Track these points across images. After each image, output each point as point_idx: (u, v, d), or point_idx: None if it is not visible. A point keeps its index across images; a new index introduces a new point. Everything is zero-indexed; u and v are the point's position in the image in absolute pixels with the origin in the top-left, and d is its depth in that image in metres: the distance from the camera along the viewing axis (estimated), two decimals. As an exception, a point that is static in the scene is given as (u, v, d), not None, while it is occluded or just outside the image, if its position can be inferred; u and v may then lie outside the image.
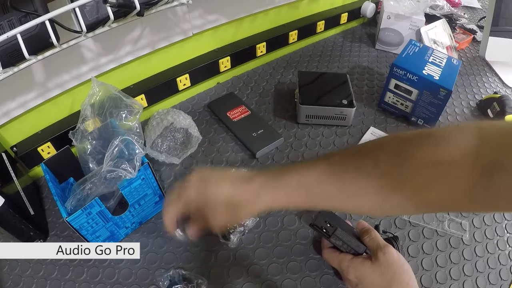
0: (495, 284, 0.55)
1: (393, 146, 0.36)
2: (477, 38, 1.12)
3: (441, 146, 0.32)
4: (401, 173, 0.34)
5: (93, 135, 0.59)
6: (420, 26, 0.98)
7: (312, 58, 1.01)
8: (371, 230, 0.50)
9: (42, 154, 0.65)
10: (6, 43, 0.45)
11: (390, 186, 0.34)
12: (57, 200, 0.50)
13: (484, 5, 1.35)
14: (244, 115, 0.79)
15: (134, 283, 0.54)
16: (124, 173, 0.49)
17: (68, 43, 0.53)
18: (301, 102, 0.76)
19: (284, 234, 0.60)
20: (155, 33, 0.72)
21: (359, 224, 0.52)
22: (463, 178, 0.30)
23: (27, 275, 0.55)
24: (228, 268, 0.56)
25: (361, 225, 0.52)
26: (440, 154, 0.31)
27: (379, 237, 0.49)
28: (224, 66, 0.87)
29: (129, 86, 0.76)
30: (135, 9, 0.52)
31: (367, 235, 0.49)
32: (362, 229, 0.51)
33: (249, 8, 0.86)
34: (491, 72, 0.99)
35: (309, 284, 0.54)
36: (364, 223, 0.52)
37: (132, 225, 0.60)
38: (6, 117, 0.61)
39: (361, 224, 0.52)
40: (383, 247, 0.46)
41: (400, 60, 0.77)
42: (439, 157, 0.31)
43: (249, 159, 0.72)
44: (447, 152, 0.31)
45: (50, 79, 0.63)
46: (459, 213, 0.64)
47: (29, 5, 0.46)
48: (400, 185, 0.34)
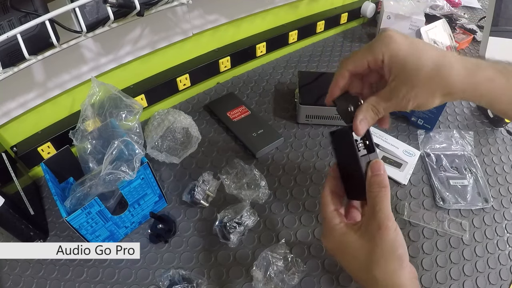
0: (495, 284, 0.55)
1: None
2: (477, 38, 1.12)
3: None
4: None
5: (93, 135, 0.59)
6: (420, 26, 0.98)
7: (312, 58, 1.01)
8: (384, 185, 0.36)
9: (42, 154, 0.65)
10: (6, 43, 0.45)
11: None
12: (57, 200, 0.50)
13: (484, 5, 1.34)
14: (244, 115, 0.79)
15: (134, 283, 0.54)
16: (122, 175, 0.49)
17: (68, 43, 0.53)
18: (301, 102, 0.76)
19: (284, 234, 0.60)
20: (155, 33, 0.72)
21: (374, 166, 0.37)
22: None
23: (27, 275, 0.55)
24: (228, 268, 0.56)
25: (375, 169, 0.37)
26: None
27: (387, 201, 0.35)
28: (224, 66, 0.87)
29: (129, 86, 0.76)
30: (135, 9, 0.52)
31: (373, 189, 0.36)
32: (372, 178, 0.36)
33: (249, 8, 0.86)
34: (491, 72, 0.99)
35: (309, 284, 0.54)
36: (380, 167, 0.37)
37: (132, 225, 0.60)
38: (6, 117, 0.61)
39: (375, 168, 0.37)
40: (382, 218, 0.34)
41: (400, 60, 0.78)
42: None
43: (249, 159, 0.72)
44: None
45: (50, 79, 0.63)
46: (459, 213, 0.64)
47: (29, 5, 0.46)
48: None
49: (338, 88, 0.39)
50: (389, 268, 0.34)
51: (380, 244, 0.34)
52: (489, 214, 0.64)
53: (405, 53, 0.34)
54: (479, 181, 0.68)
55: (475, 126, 0.82)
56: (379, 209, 0.35)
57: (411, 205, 0.64)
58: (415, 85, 0.34)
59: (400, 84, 0.35)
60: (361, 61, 0.37)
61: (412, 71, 0.34)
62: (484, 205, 0.65)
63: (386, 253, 0.34)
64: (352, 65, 0.38)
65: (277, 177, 0.69)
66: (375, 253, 0.34)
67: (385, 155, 0.72)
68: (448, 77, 0.34)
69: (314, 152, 0.74)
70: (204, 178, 0.64)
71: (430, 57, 0.34)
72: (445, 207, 0.64)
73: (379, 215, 0.35)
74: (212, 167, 0.70)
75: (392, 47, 0.34)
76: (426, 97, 0.35)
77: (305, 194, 0.66)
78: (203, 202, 0.63)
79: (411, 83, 0.34)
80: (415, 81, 0.34)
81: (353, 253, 0.36)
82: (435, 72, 0.33)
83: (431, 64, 0.33)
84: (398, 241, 0.35)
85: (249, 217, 0.59)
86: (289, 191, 0.67)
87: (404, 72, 0.34)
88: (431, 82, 0.34)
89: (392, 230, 0.34)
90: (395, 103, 0.36)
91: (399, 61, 0.34)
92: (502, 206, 0.65)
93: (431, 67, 0.33)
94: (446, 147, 0.75)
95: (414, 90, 0.34)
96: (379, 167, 0.37)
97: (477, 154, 0.74)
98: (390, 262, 0.34)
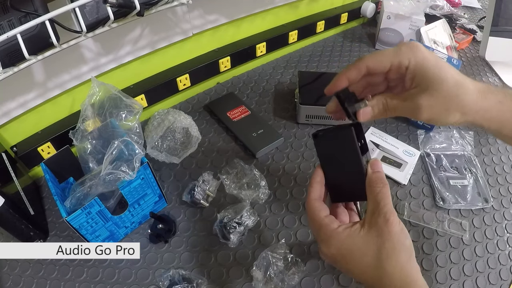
0: (495, 284, 0.55)
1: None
2: (477, 38, 1.12)
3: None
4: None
5: (93, 135, 0.59)
6: (420, 26, 0.98)
7: (312, 58, 1.01)
8: (385, 182, 0.36)
9: (42, 154, 0.65)
10: (6, 43, 0.45)
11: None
12: (57, 200, 0.50)
13: (484, 5, 1.35)
14: (244, 115, 0.79)
15: (134, 283, 0.54)
16: (122, 175, 0.49)
17: (68, 43, 0.53)
18: (301, 102, 0.76)
19: (283, 234, 0.60)
20: (155, 33, 0.72)
21: (374, 164, 0.38)
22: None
23: (27, 275, 0.55)
24: (228, 268, 0.56)
25: (376, 166, 0.38)
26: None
27: (390, 197, 0.36)
28: (224, 66, 0.87)
29: (129, 86, 0.76)
30: (135, 9, 0.52)
31: (377, 185, 0.36)
32: (374, 175, 0.37)
33: (249, 8, 0.86)
34: (491, 72, 0.99)
35: (309, 284, 0.54)
36: (379, 164, 0.38)
37: (132, 225, 0.60)
38: (6, 117, 0.61)
39: (376, 165, 0.38)
40: (388, 213, 0.35)
41: (400, 60, 0.77)
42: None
43: (249, 159, 0.72)
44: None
45: (50, 79, 0.63)
46: (459, 213, 0.64)
47: (29, 5, 0.46)
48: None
49: (346, 79, 0.38)
50: (400, 260, 0.34)
51: (389, 237, 0.34)
52: (489, 214, 0.64)
53: (431, 64, 0.35)
54: (479, 181, 0.68)
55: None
56: (384, 204, 0.35)
57: (411, 205, 0.64)
58: (434, 96, 0.35)
59: (421, 92, 0.35)
60: (385, 61, 0.36)
61: (435, 83, 0.34)
62: (484, 205, 0.65)
63: (397, 245, 0.34)
64: (375, 62, 0.37)
65: (277, 177, 0.69)
66: (385, 247, 0.34)
67: (385, 155, 0.72)
68: (465, 96, 0.35)
69: (314, 152, 0.74)
70: (204, 178, 0.64)
71: (451, 75, 0.35)
72: (445, 207, 0.64)
73: (385, 210, 0.35)
74: (212, 167, 0.70)
75: (420, 55, 0.35)
76: (440, 111, 0.35)
77: (305, 194, 0.66)
78: (203, 202, 0.63)
79: (430, 93, 0.35)
80: (435, 93, 0.35)
81: (360, 252, 0.35)
82: (455, 89, 0.34)
83: (452, 81, 0.34)
84: (404, 232, 0.35)
85: (249, 217, 0.59)
86: (289, 191, 0.67)
87: (427, 81, 0.35)
88: (450, 98, 0.35)
89: (398, 223, 0.34)
90: (409, 107, 0.36)
91: (424, 71, 0.35)
92: (502, 206, 0.65)
93: (452, 83, 0.34)
94: (446, 147, 0.75)
95: (432, 100, 0.35)
96: (379, 165, 0.38)
97: (477, 154, 0.74)
98: (401, 254, 0.34)
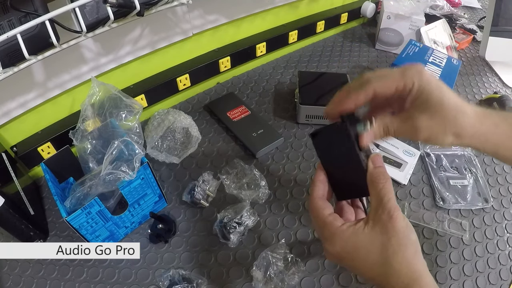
0: (495, 284, 0.55)
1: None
2: (477, 38, 1.12)
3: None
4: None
5: (93, 135, 0.59)
6: (420, 26, 0.98)
7: (312, 58, 1.01)
8: (387, 177, 0.36)
9: (42, 154, 0.65)
10: (6, 43, 0.45)
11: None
12: (57, 200, 0.50)
13: (484, 5, 1.35)
14: (244, 115, 0.79)
15: (134, 283, 0.54)
16: (122, 175, 0.49)
17: (68, 43, 0.53)
18: (301, 102, 0.76)
19: (283, 234, 0.60)
20: (155, 33, 0.72)
21: (375, 159, 0.38)
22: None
23: (27, 275, 0.55)
24: (228, 268, 0.56)
25: (377, 161, 0.38)
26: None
27: (392, 192, 0.35)
28: (224, 66, 0.87)
29: (129, 86, 0.76)
30: (135, 9, 0.52)
31: (379, 181, 0.36)
32: (376, 170, 0.37)
33: (249, 8, 0.86)
34: (491, 72, 0.99)
35: (309, 284, 0.54)
36: (380, 159, 0.38)
37: (132, 225, 0.60)
38: (6, 117, 0.61)
39: (377, 160, 0.38)
40: (392, 208, 0.34)
41: (400, 60, 0.78)
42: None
43: (249, 159, 0.72)
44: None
45: (50, 79, 0.63)
46: (459, 213, 0.64)
47: (29, 5, 0.46)
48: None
49: (353, 104, 0.37)
50: (406, 256, 0.34)
51: (395, 233, 0.34)
52: (489, 214, 0.64)
53: (433, 87, 0.35)
54: (479, 181, 0.68)
55: (475, 126, 0.81)
56: (388, 199, 0.34)
57: (411, 205, 0.64)
58: (433, 118, 0.35)
59: (420, 113, 0.36)
60: (391, 86, 0.36)
61: (436, 105, 0.35)
62: (484, 205, 0.65)
63: (402, 240, 0.34)
64: (382, 87, 0.36)
65: (277, 177, 0.69)
66: (391, 244, 0.34)
67: (385, 155, 0.72)
68: (463, 119, 0.35)
69: (314, 152, 0.74)
70: (204, 178, 0.64)
71: (452, 98, 0.35)
72: (445, 207, 0.64)
73: (389, 205, 0.34)
74: (212, 167, 0.70)
75: (424, 78, 0.35)
76: (438, 132, 0.36)
77: (305, 194, 0.66)
78: (203, 202, 0.63)
79: (430, 115, 0.35)
80: (434, 115, 0.35)
81: (366, 249, 0.35)
82: (454, 112, 0.35)
83: (452, 104, 0.35)
84: (409, 227, 0.34)
85: (249, 217, 0.59)
86: (289, 191, 0.67)
87: (428, 103, 0.35)
88: (448, 120, 0.35)
89: (402, 218, 0.34)
90: (408, 129, 0.37)
91: (427, 94, 0.35)
92: (502, 206, 0.65)
93: (451, 106, 0.35)
94: (446, 147, 0.75)
95: (430, 121, 0.35)
96: (380, 160, 0.37)
97: (477, 154, 0.74)
98: (407, 249, 0.34)
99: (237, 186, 0.65)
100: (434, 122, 0.35)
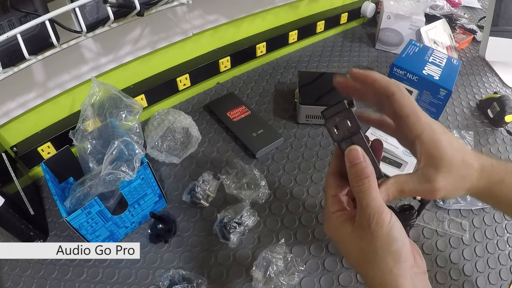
0: (495, 284, 0.55)
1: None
2: (477, 38, 1.12)
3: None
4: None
5: (93, 135, 0.59)
6: (420, 26, 0.98)
7: (312, 58, 1.01)
8: (366, 174, 0.33)
9: (42, 154, 0.65)
10: (6, 43, 0.45)
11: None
12: (57, 200, 0.50)
13: (484, 5, 1.35)
14: (244, 115, 0.79)
15: (134, 283, 0.54)
16: (122, 175, 0.49)
17: (68, 43, 0.53)
18: (301, 102, 0.76)
19: (283, 234, 0.60)
20: (155, 33, 0.72)
21: (349, 155, 0.34)
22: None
23: (27, 275, 0.55)
24: (228, 268, 0.56)
25: (352, 157, 0.34)
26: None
27: (375, 190, 0.32)
28: (224, 66, 0.87)
29: (129, 86, 0.76)
30: (135, 9, 0.52)
31: (355, 183, 0.33)
32: (352, 170, 0.34)
33: (249, 8, 0.86)
34: (491, 72, 0.99)
35: (309, 284, 0.54)
36: (357, 153, 0.33)
37: (132, 225, 0.60)
38: (6, 117, 0.61)
39: (352, 156, 0.34)
40: (372, 214, 0.31)
41: (400, 60, 0.78)
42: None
43: (249, 159, 0.72)
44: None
45: (50, 79, 0.63)
46: (459, 213, 0.64)
47: (29, 5, 0.46)
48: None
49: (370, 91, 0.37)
50: (382, 266, 0.31)
51: (373, 242, 0.32)
52: (489, 214, 0.64)
53: (445, 142, 0.34)
54: (479, 181, 0.68)
55: (475, 126, 0.82)
56: (367, 204, 0.32)
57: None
58: (446, 178, 0.34)
59: (436, 174, 0.34)
60: None
61: (446, 164, 0.34)
62: (484, 205, 0.64)
63: (380, 251, 0.31)
64: (401, 97, 0.34)
65: (277, 177, 0.69)
66: (367, 253, 0.32)
67: (385, 155, 0.72)
68: (471, 177, 0.35)
69: (314, 152, 0.74)
70: (204, 178, 0.64)
71: (457, 152, 0.34)
72: (445, 207, 0.64)
73: (368, 211, 0.32)
74: (212, 167, 0.70)
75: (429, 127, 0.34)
76: (452, 191, 0.35)
77: (305, 194, 0.66)
78: (203, 202, 0.63)
79: (443, 175, 0.34)
80: (447, 175, 0.34)
81: (346, 247, 0.34)
82: (463, 170, 0.34)
83: (460, 160, 0.34)
84: (392, 235, 0.31)
85: (249, 217, 0.59)
86: (289, 191, 0.67)
87: (438, 160, 0.34)
88: (459, 179, 0.34)
89: (385, 224, 0.31)
90: (426, 190, 0.35)
91: (436, 147, 0.34)
92: (502, 206, 0.65)
93: (460, 163, 0.34)
94: (446, 147, 0.75)
95: (445, 182, 0.34)
96: (357, 155, 0.33)
97: (477, 154, 0.74)
98: (383, 260, 0.31)
99: (237, 186, 0.65)
100: (448, 182, 0.34)
